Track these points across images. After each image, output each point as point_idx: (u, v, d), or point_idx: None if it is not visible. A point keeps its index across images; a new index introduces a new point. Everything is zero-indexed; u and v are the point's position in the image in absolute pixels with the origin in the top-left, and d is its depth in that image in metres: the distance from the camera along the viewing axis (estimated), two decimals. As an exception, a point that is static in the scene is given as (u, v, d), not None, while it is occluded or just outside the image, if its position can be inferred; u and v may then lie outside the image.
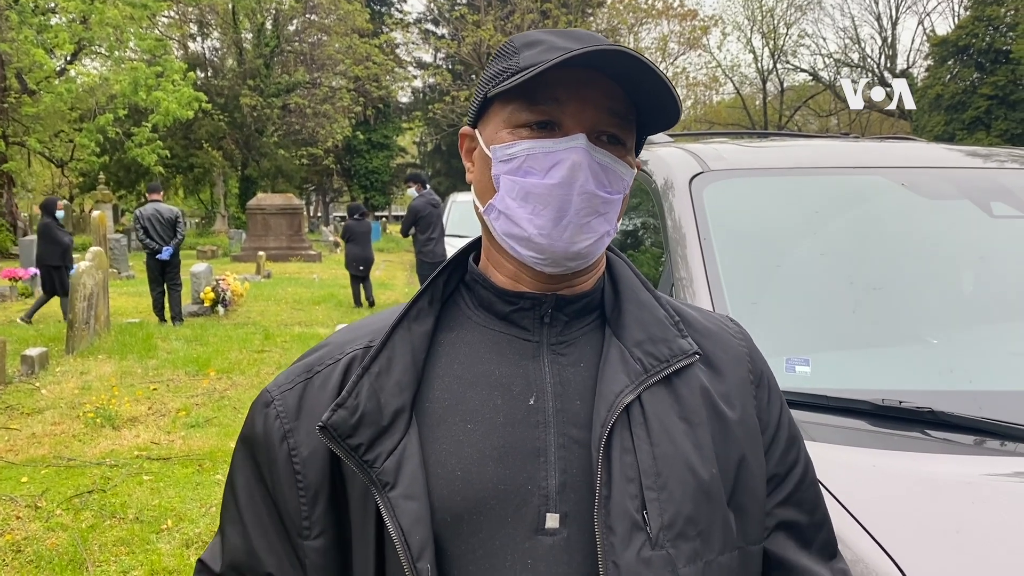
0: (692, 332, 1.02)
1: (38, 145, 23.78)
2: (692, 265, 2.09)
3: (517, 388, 0.95)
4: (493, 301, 1.00)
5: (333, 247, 28.10)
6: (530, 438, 0.93)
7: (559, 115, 0.93)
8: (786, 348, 1.95)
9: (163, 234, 10.69)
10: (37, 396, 6.93)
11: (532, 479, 0.91)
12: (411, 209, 10.54)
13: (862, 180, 2.40)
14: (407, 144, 47.89)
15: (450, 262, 1.05)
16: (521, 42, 0.98)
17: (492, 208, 0.97)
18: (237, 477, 1.02)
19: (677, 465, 0.91)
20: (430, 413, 0.94)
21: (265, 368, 8.36)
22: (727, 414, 0.99)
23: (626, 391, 0.93)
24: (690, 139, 3.44)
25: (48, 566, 3.85)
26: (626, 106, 0.95)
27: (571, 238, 0.93)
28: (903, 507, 1.41)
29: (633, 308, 1.00)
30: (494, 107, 0.98)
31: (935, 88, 33.30)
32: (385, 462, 0.90)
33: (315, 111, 33.65)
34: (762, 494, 1.01)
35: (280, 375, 1.04)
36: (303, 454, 0.96)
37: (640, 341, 0.97)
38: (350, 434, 0.91)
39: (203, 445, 5.77)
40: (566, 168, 0.91)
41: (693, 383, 0.98)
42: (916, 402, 1.66)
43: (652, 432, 0.92)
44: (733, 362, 1.04)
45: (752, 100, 45.17)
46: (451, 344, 0.99)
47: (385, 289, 16.37)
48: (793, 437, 1.08)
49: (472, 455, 0.92)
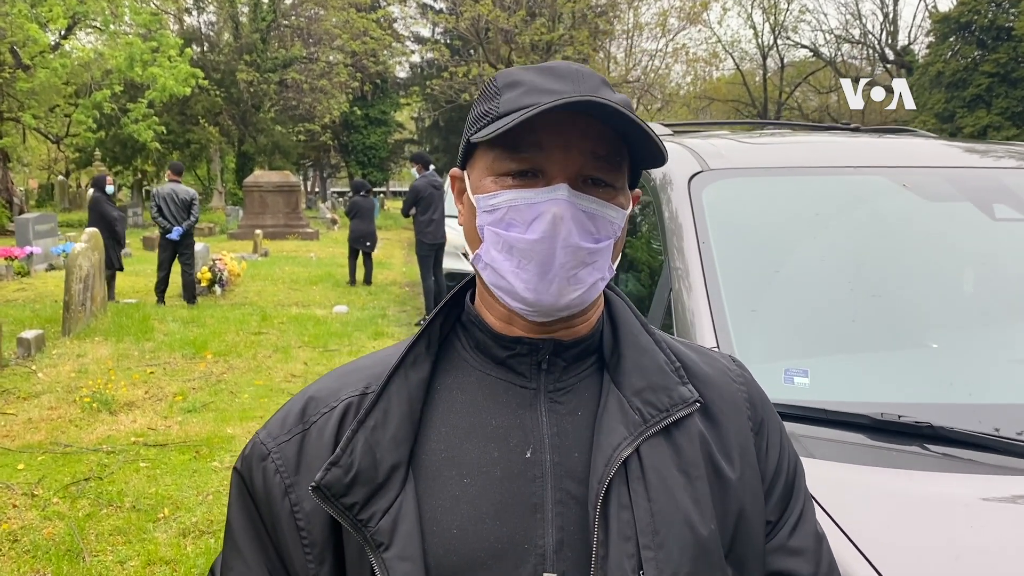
0: (692, 378, 1.00)
1: (33, 121, 23.58)
2: (691, 270, 2.06)
3: (514, 440, 0.93)
4: (489, 345, 0.98)
5: (331, 224, 28.02)
6: (527, 493, 0.91)
7: (542, 162, 0.90)
8: (785, 355, 1.94)
9: (177, 214, 10.76)
10: (33, 380, 6.92)
11: (529, 537, 0.89)
12: (412, 189, 10.52)
13: (863, 180, 2.37)
14: (405, 120, 47.60)
15: (447, 302, 1.02)
16: (503, 82, 0.95)
17: (479, 258, 0.95)
18: (240, 536, 0.99)
19: (675, 521, 0.89)
20: (426, 466, 0.92)
21: (262, 351, 8.35)
22: (725, 469, 0.96)
23: (624, 444, 0.90)
24: (689, 131, 3.40)
25: (45, 556, 3.85)
26: (612, 147, 0.92)
27: (558, 291, 0.90)
28: (902, 530, 1.40)
29: (633, 353, 0.98)
30: (478, 152, 0.96)
31: (936, 65, 33.10)
32: (380, 521, 0.88)
33: (312, 86, 33.40)
34: (761, 546, 0.99)
35: (271, 421, 1.01)
36: (306, 509, 0.93)
37: (640, 389, 0.95)
38: (344, 493, 0.89)
39: (200, 431, 5.77)
40: (547, 222, 0.88)
41: (692, 433, 0.96)
42: (915, 416, 1.65)
43: (650, 487, 0.90)
44: (732, 410, 1.02)
45: (752, 76, 44.84)
46: (448, 390, 0.97)
47: (383, 268, 16.34)
48: (791, 484, 1.05)
49: (469, 512, 0.90)
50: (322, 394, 0.99)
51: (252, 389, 6.89)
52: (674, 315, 2.01)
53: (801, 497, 1.06)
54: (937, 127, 31.57)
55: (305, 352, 8.42)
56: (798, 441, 1.63)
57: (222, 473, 4.97)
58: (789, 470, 1.06)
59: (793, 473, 1.06)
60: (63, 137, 27.29)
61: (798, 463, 1.09)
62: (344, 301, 11.91)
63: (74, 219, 24.73)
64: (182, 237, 10.78)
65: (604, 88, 0.93)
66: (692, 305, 1.98)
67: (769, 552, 1.01)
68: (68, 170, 38.33)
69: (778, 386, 1.78)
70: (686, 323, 1.96)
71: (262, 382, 7.14)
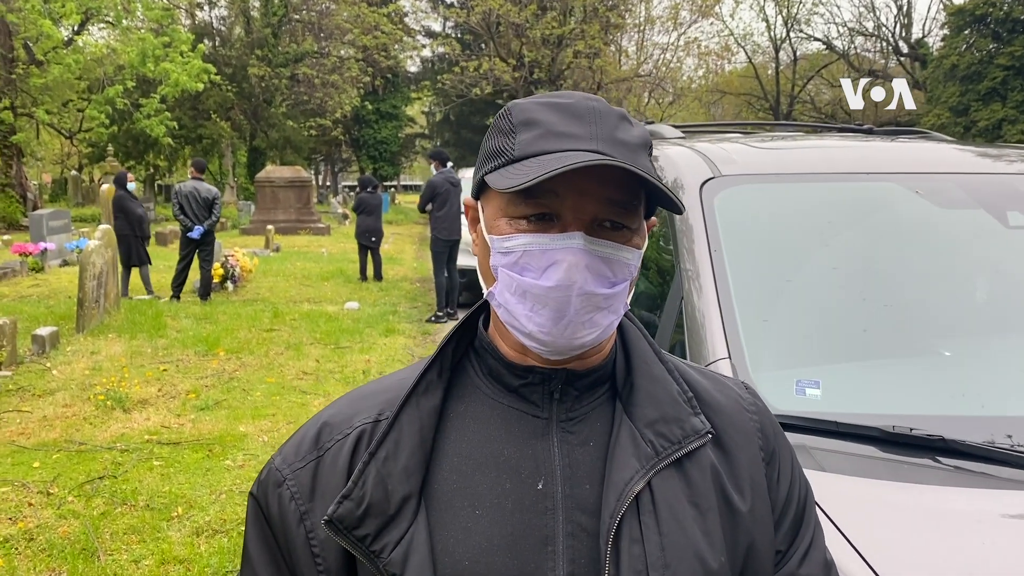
0: (704, 408, 1.00)
1: (47, 116, 23.71)
2: (702, 279, 2.06)
3: (526, 471, 0.94)
4: (502, 373, 0.98)
5: (342, 219, 28.08)
6: (539, 525, 0.91)
7: (558, 207, 0.89)
8: (796, 364, 1.94)
9: (198, 213, 10.82)
10: (48, 377, 6.97)
11: (540, 570, 0.90)
12: (429, 185, 10.55)
13: (876, 187, 2.36)
14: (416, 114, 47.61)
15: (459, 327, 1.03)
16: (518, 119, 0.93)
17: (493, 297, 0.95)
18: (257, 560, 1.00)
19: (686, 555, 0.90)
20: (438, 497, 0.93)
21: (274, 348, 8.38)
22: (736, 501, 0.97)
23: (636, 478, 0.91)
24: (699, 132, 3.39)
25: (60, 555, 3.89)
26: (628, 192, 0.91)
27: (572, 334, 0.91)
28: (913, 546, 1.40)
29: (646, 384, 0.98)
30: (492, 189, 0.95)
31: (951, 58, 32.80)
32: (392, 552, 0.89)
33: (323, 81, 33.44)
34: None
35: (286, 447, 1.02)
36: (320, 536, 0.94)
37: (652, 421, 0.95)
38: (356, 525, 0.90)
39: (212, 429, 5.80)
40: (563, 270, 0.88)
41: (704, 464, 0.96)
42: (927, 429, 1.64)
43: (661, 520, 0.90)
44: (744, 440, 1.02)
45: (764, 69, 44.58)
46: (460, 418, 0.98)
47: (394, 264, 16.37)
48: (801, 514, 1.05)
49: (480, 544, 0.90)
50: (336, 420, 1.00)
51: (264, 387, 6.93)
52: (685, 325, 2.01)
53: (811, 526, 1.06)
54: (951, 120, 31.34)
55: (317, 349, 8.46)
56: (809, 454, 1.64)
57: (235, 472, 5.01)
58: (799, 499, 1.06)
59: (804, 502, 1.06)
60: (76, 132, 27.41)
61: (809, 491, 1.09)
62: (355, 297, 11.94)
63: (87, 214, 24.83)
64: (203, 235, 10.84)
65: (622, 125, 0.92)
66: (703, 315, 1.98)
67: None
68: (81, 165, 38.53)
69: (789, 397, 1.78)
70: (697, 333, 1.96)
71: (274, 379, 7.17)
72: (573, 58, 27.57)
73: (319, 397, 6.69)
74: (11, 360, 7.15)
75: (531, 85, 27.47)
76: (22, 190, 24.37)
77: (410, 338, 9.40)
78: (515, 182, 0.86)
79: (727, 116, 43.03)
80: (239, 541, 4.05)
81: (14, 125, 23.09)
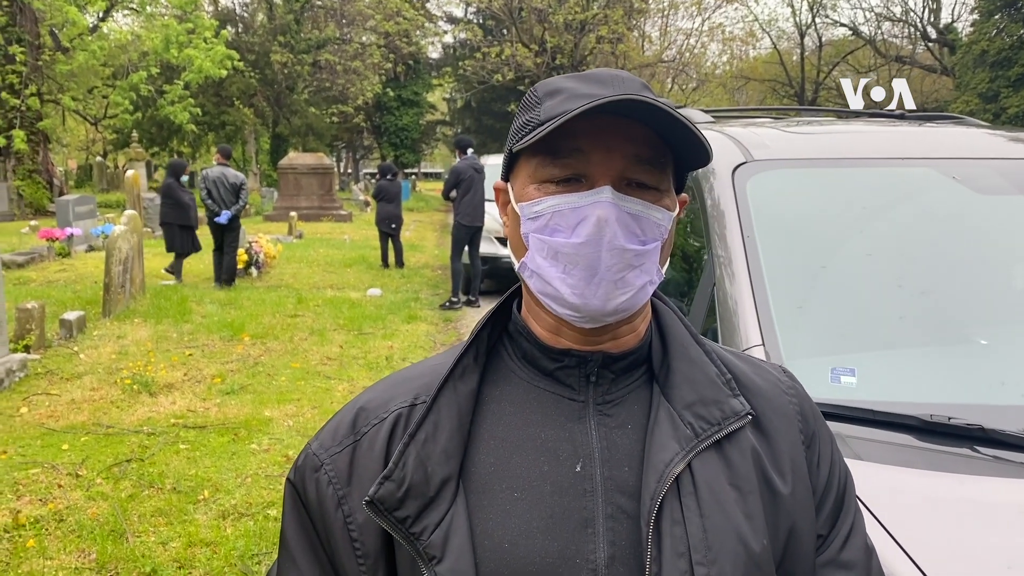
0: (743, 390, 0.99)
1: (72, 103, 23.94)
2: (735, 265, 2.03)
3: (563, 453, 0.93)
4: (537, 356, 0.97)
5: (364, 206, 28.16)
6: (578, 508, 0.90)
7: (584, 167, 0.89)
8: (831, 352, 1.91)
9: (225, 198, 10.91)
10: (76, 361, 7.05)
11: (580, 551, 0.89)
12: (453, 171, 10.55)
13: (912, 173, 2.32)
14: (437, 101, 47.56)
15: (493, 312, 1.02)
16: (543, 91, 0.94)
17: (524, 267, 0.94)
18: (294, 546, 1.00)
19: (728, 537, 0.89)
20: (477, 480, 0.92)
21: (299, 334, 8.43)
22: (777, 483, 0.96)
23: (676, 460, 0.90)
24: (729, 118, 3.35)
25: (90, 536, 3.93)
26: (656, 149, 0.91)
27: (606, 295, 0.89)
28: (953, 537, 1.38)
29: (683, 366, 0.97)
30: (521, 161, 0.96)
31: (980, 43, 32.27)
32: (432, 535, 0.88)
33: (345, 68, 33.50)
34: (811, 561, 0.99)
35: (323, 432, 1.01)
36: (358, 520, 0.94)
37: (691, 403, 0.94)
38: (397, 507, 0.90)
39: (238, 413, 5.84)
40: (592, 224, 0.88)
41: (744, 446, 0.95)
42: (966, 418, 1.62)
43: (702, 502, 0.89)
44: (784, 424, 1.00)
45: (789, 56, 44.10)
46: (496, 402, 0.97)
47: (415, 251, 16.41)
48: (842, 498, 1.04)
49: (520, 526, 0.90)
50: (372, 405, 1.00)
51: (289, 372, 6.97)
52: (717, 312, 1.99)
53: (851, 510, 1.05)
54: (980, 107, 30.86)
55: (340, 335, 8.49)
56: (845, 442, 1.61)
57: (260, 456, 5.04)
58: (840, 483, 1.05)
59: (844, 486, 1.05)
60: (101, 118, 27.66)
61: (848, 475, 1.08)
62: (378, 284, 11.98)
63: (112, 200, 25.05)
64: (229, 220, 10.92)
65: (645, 91, 0.92)
66: (736, 301, 1.96)
67: (819, 566, 1.00)
68: (106, 151, 38.90)
69: (824, 385, 1.76)
70: (730, 320, 1.94)
71: (299, 365, 7.21)
72: (596, 43, 27.42)
73: (343, 382, 6.72)
74: (39, 344, 7.24)
75: (553, 71, 27.37)
76: (48, 176, 24.63)
77: (432, 325, 9.42)
78: (539, 132, 0.87)
79: (751, 102, 42.62)
80: (265, 524, 4.08)
81: (40, 111, 23.32)
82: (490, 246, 11.31)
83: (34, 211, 22.69)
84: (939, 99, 36.26)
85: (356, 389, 6.55)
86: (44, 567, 3.64)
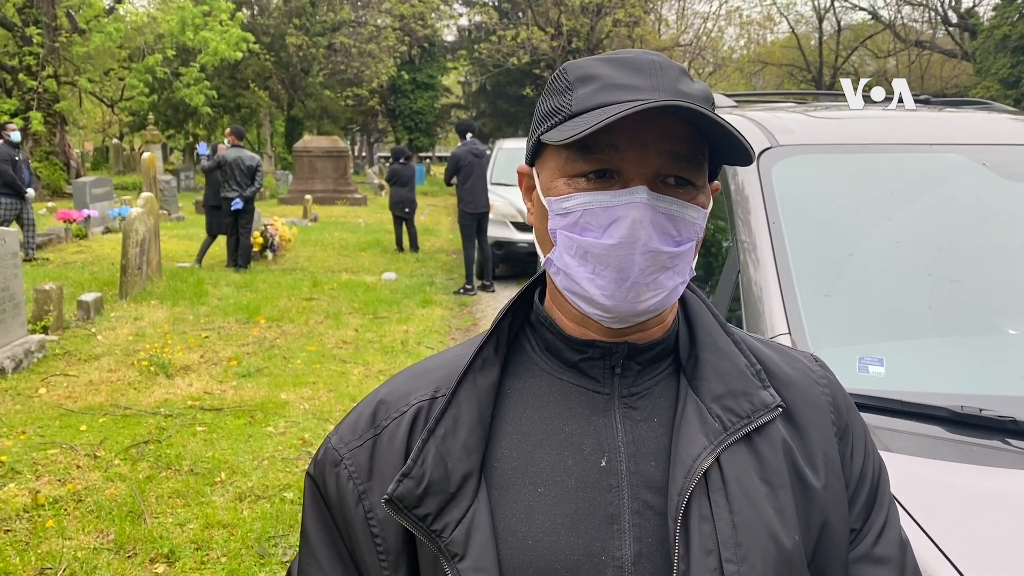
0: (773, 381, 0.96)
1: (89, 85, 24.00)
2: (760, 252, 2.01)
3: (588, 448, 0.90)
4: (560, 348, 0.94)
5: (378, 190, 28.17)
6: (603, 503, 0.88)
7: (618, 163, 0.85)
8: (859, 341, 1.88)
9: (241, 182, 10.95)
10: (93, 342, 7.09)
11: (606, 548, 0.86)
12: (453, 158, 10.49)
13: (940, 159, 2.28)
14: (452, 84, 47.41)
15: (514, 301, 0.99)
16: (574, 75, 0.89)
17: (551, 263, 0.91)
18: (315, 541, 0.98)
19: (758, 533, 0.86)
20: (499, 475, 0.90)
21: (314, 317, 8.44)
22: (809, 477, 0.93)
23: (704, 455, 0.87)
24: (753, 102, 3.31)
25: (108, 516, 3.96)
26: (693, 146, 0.86)
27: (636, 297, 0.86)
28: (984, 530, 1.35)
29: (711, 357, 0.94)
30: (549, 149, 0.91)
31: (1002, 28, 31.81)
32: (454, 532, 0.86)
33: (360, 51, 33.42)
34: (844, 555, 0.96)
35: (343, 425, 0.99)
36: (379, 516, 0.92)
37: (719, 396, 0.91)
38: (417, 504, 0.87)
39: (254, 396, 5.86)
40: (626, 226, 0.84)
41: (775, 439, 0.92)
42: (997, 410, 1.59)
43: (732, 498, 0.87)
44: (816, 415, 0.98)
45: (807, 40, 43.64)
46: (518, 395, 0.95)
47: (430, 235, 16.40)
48: (875, 491, 1.01)
49: (544, 523, 0.87)
50: (392, 398, 0.97)
51: (305, 355, 6.98)
52: (742, 299, 1.96)
53: (886, 503, 1.02)
54: (1001, 93, 30.47)
55: (356, 319, 8.50)
56: (873, 433, 1.58)
57: (276, 438, 5.06)
58: (874, 476, 1.02)
59: (878, 479, 1.02)
60: (117, 101, 27.74)
61: (883, 468, 1.05)
62: (393, 268, 11.98)
63: (128, 182, 25.18)
64: (244, 203, 10.95)
65: (683, 79, 0.88)
66: (762, 289, 1.93)
67: (853, 561, 0.98)
68: (122, 133, 39.02)
69: (852, 375, 1.73)
70: (755, 307, 1.91)
71: (314, 348, 7.22)
72: (612, 27, 27.23)
73: (359, 366, 6.73)
74: (57, 325, 7.28)
75: (569, 54, 27.20)
76: (65, 158, 24.73)
77: (447, 309, 9.41)
78: (575, 131, 0.82)
79: (768, 87, 42.28)
80: (281, 507, 4.09)
81: (58, 93, 23.40)
82: (505, 231, 11.25)
83: (51, 193, 22.81)
84: (959, 84, 35.81)
85: (372, 373, 6.56)
86: (63, 547, 3.67)
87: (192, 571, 3.52)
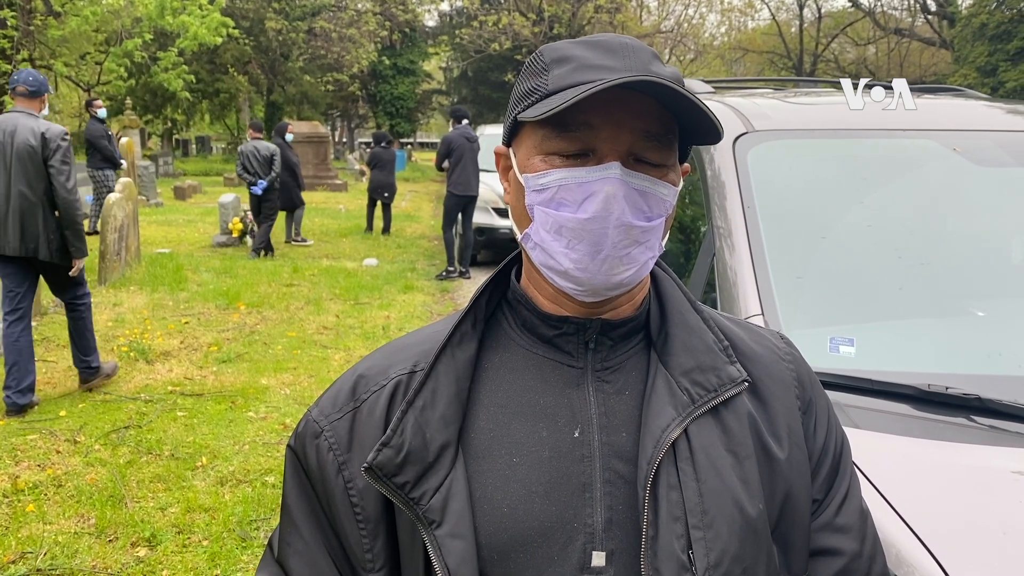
0: (740, 357, 1.00)
1: (65, 69, 23.62)
2: (735, 235, 2.04)
3: (562, 419, 0.94)
4: (536, 324, 0.98)
5: (359, 175, 28.02)
6: (576, 472, 0.91)
7: (593, 141, 0.88)
8: (830, 322, 1.92)
9: (259, 170, 11.35)
10: (72, 328, 7.03)
11: (578, 515, 0.90)
12: (445, 141, 10.48)
13: (912, 144, 2.32)
14: (433, 70, 47.14)
15: (491, 279, 1.02)
16: (550, 57, 0.92)
17: (528, 238, 0.94)
18: (296, 511, 1.01)
19: (724, 502, 0.90)
20: (475, 445, 0.94)
21: (294, 303, 8.43)
22: (773, 449, 0.97)
23: (672, 426, 0.91)
24: (731, 88, 3.34)
25: (89, 501, 3.96)
26: (664, 125, 0.90)
27: (609, 270, 0.90)
28: (948, 504, 1.40)
29: (681, 333, 0.98)
30: (525, 129, 0.94)
31: (980, 17, 32.04)
32: (432, 500, 0.89)
33: (340, 35, 33.14)
34: (807, 524, 1.00)
35: (323, 399, 1.02)
36: (359, 485, 0.95)
37: (688, 370, 0.95)
38: (396, 473, 0.90)
39: (235, 381, 5.86)
40: (600, 200, 0.87)
41: (741, 412, 0.96)
42: (963, 388, 1.63)
43: (699, 467, 0.90)
44: (781, 389, 1.02)
45: (788, 27, 43.75)
46: (495, 369, 0.98)
47: (411, 221, 16.37)
48: (837, 463, 1.05)
49: (519, 491, 0.91)
50: (371, 372, 1.00)
51: (285, 340, 6.98)
52: (717, 282, 2.00)
53: (847, 475, 1.07)
54: (978, 81, 30.72)
55: (336, 304, 8.50)
56: (843, 411, 1.63)
57: (257, 423, 5.07)
58: (836, 449, 1.06)
59: (840, 451, 1.07)
60: (94, 85, 27.36)
61: (845, 441, 1.09)
62: (374, 254, 11.96)
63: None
64: (264, 191, 11.35)
65: (655, 62, 0.91)
66: (736, 271, 1.97)
67: (815, 530, 1.02)
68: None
69: (823, 355, 1.77)
70: (729, 290, 1.95)
71: (295, 334, 7.22)
72: (594, 13, 27.18)
73: (340, 351, 6.73)
74: (35, 311, 7.22)
75: (550, 40, 27.08)
76: (41, 143, 24.42)
77: (428, 295, 9.42)
78: (550, 107, 0.85)
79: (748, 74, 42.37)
80: (263, 491, 4.11)
81: (33, 77, 23.05)
82: (487, 216, 11.26)
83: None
84: (937, 72, 36.05)
85: (353, 358, 6.57)
86: (44, 531, 3.67)
87: (174, 555, 3.54)
